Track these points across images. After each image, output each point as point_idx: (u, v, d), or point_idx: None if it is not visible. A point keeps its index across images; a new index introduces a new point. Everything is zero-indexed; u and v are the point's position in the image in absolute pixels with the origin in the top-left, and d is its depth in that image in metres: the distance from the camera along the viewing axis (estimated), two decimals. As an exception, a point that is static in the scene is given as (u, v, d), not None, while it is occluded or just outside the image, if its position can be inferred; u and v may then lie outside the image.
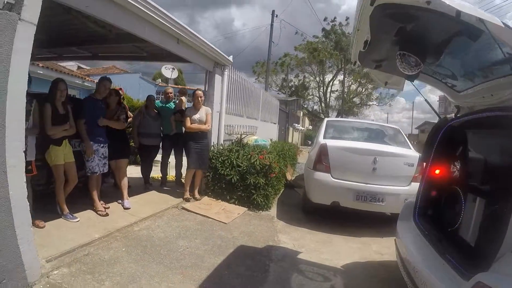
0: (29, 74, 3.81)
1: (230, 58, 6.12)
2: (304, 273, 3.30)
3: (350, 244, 4.18)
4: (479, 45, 2.06)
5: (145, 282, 2.73)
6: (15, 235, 2.33)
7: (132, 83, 12.23)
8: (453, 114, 2.96)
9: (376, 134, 5.82)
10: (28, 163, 3.36)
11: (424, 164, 3.13)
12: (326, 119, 6.47)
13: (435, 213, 2.98)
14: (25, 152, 3.27)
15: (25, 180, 2.46)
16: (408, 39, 2.16)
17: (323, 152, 4.74)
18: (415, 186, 4.17)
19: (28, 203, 2.51)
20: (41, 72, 7.88)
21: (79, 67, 12.51)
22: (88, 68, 16.30)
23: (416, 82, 3.03)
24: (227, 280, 2.94)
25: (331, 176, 4.67)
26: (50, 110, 3.59)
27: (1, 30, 2.08)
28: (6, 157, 2.25)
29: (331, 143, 4.88)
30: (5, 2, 2.12)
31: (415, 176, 4.50)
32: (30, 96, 3.51)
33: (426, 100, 3.29)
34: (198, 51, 5.19)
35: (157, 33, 4.13)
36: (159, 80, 16.71)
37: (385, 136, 5.71)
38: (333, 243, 4.20)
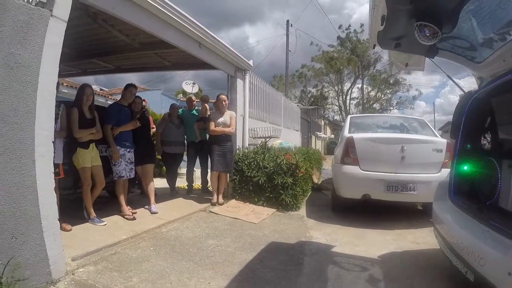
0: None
1: (251, 62, 6.14)
2: (340, 264, 3.08)
3: (385, 237, 3.95)
4: (493, 5, 2.00)
5: (174, 278, 2.60)
6: (41, 227, 2.31)
7: (154, 100, 12.51)
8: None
9: (401, 125, 5.65)
10: (55, 166, 3.40)
11: (454, 141, 3.04)
12: (349, 116, 6.30)
13: (471, 188, 2.87)
14: (53, 154, 3.39)
15: (52, 170, 2.46)
16: (424, 7, 2.09)
17: (350, 144, 4.58)
18: (446, 172, 4.06)
19: (55, 195, 2.47)
20: (65, 91, 8.15)
21: (101, 89, 12.96)
22: (108, 90, 16.97)
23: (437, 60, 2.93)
24: (261, 274, 2.76)
25: (360, 168, 4.49)
26: (77, 114, 3.64)
27: (34, 25, 2.21)
28: (35, 145, 2.27)
29: (357, 135, 4.74)
30: (38, 0, 2.27)
31: (445, 162, 4.34)
32: (58, 101, 3.62)
33: (448, 76, 3.19)
34: (219, 55, 5.23)
35: (180, 37, 4.20)
36: (180, 95, 17.04)
37: (410, 127, 5.55)
38: (367, 236, 3.96)
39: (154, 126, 5.88)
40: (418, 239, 3.85)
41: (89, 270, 2.62)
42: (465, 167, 2.89)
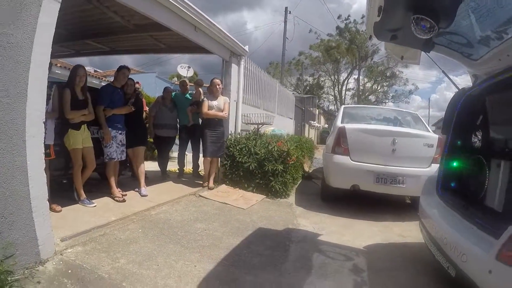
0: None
1: (246, 48, 6.09)
2: (325, 253, 3.16)
3: (372, 228, 4.03)
4: (493, 3, 2.01)
5: (161, 260, 2.66)
6: (30, 207, 2.31)
7: (149, 82, 12.36)
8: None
9: (394, 119, 5.68)
10: (46, 147, 3.38)
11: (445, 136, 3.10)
12: (343, 106, 6.33)
13: (459, 185, 2.92)
14: (44, 134, 3.38)
15: (43, 151, 2.46)
16: (421, 0, 2.11)
17: (341, 134, 4.62)
18: (436, 167, 4.11)
19: (45, 175, 2.48)
20: (59, 72, 7.99)
21: (95, 71, 12.73)
22: (103, 71, 16.71)
23: (432, 55, 2.93)
24: (246, 259, 2.84)
25: (350, 158, 4.54)
26: (69, 94, 3.61)
27: (28, 5, 2.20)
28: (26, 126, 2.27)
29: (349, 125, 4.77)
30: None
31: (435, 157, 4.37)
32: (50, 81, 3.58)
33: (443, 71, 3.22)
34: (214, 40, 5.18)
35: (175, 19, 4.14)
36: (175, 79, 16.86)
37: (404, 120, 5.58)
38: (354, 226, 4.05)
39: (147, 109, 5.86)
40: (404, 232, 3.93)
41: (77, 251, 2.65)
42: (454, 163, 2.93)
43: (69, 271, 2.33)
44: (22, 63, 2.21)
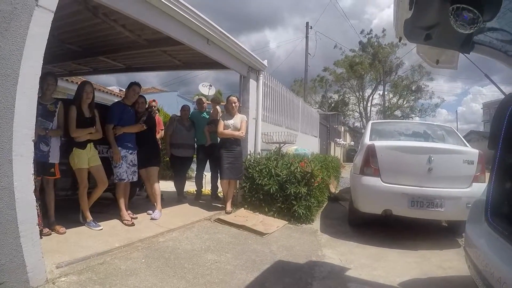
0: (54, 74, 3.79)
1: (265, 62, 5.83)
2: (354, 293, 2.66)
3: (406, 259, 3.50)
4: None
5: (161, 298, 2.28)
6: (18, 231, 2.12)
7: (170, 102, 12.42)
8: None
9: (427, 133, 5.12)
10: (51, 166, 3.25)
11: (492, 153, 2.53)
12: (371, 121, 5.85)
13: None
14: (48, 153, 3.21)
15: (33, 172, 2.25)
16: None
17: (371, 153, 4.15)
18: (477, 187, 3.71)
19: (35, 198, 2.27)
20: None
21: (120, 90, 13.02)
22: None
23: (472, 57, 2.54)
24: (260, 300, 2.40)
25: (381, 180, 4.04)
26: (75, 112, 3.45)
27: (18, 15, 2.06)
28: (13, 144, 2.10)
29: (379, 143, 4.30)
30: None
31: (476, 175, 3.92)
32: (56, 98, 3.44)
33: (486, 75, 2.72)
34: (230, 53, 4.94)
35: (186, 32, 3.93)
36: (197, 97, 17.00)
37: (438, 135, 5.04)
38: (386, 257, 3.53)
39: (163, 128, 5.67)
40: (443, 262, 3.40)
41: (71, 280, 2.38)
42: (507, 184, 2.42)
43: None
44: (10, 77, 2.06)
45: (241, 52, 5.03)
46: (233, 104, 4.92)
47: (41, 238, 2.32)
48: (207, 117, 5.73)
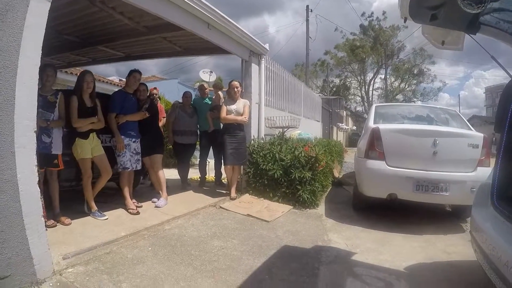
0: (54, 65, 3.73)
1: (266, 46, 5.72)
2: (360, 277, 2.67)
3: (411, 243, 3.49)
4: None
5: (168, 286, 2.30)
6: (23, 224, 2.12)
7: (171, 89, 12.28)
8: None
9: (431, 117, 5.05)
10: (54, 157, 3.23)
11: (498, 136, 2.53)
12: (374, 105, 5.76)
13: None
14: (50, 144, 3.18)
15: (36, 163, 2.24)
16: None
17: (375, 136, 4.09)
18: (482, 171, 3.68)
19: (39, 190, 2.25)
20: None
21: (120, 80, 12.86)
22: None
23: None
24: (268, 286, 2.41)
25: (386, 164, 4.00)
26: (76, 102, 3.41)
27: (14, 6, 2.03)
28: (14, 136, 2.09)
29: (384, 126, 4.24)
30: None
31: (481, 159, 3.88)
32: (55, 89, 3.39)
33: (493, 57, 2.64)
34: (231, 38, 4.84)
35: (186, 17, 3.83)
36: (197, 84, 16.85)
37: (442, 119, 4.96)
38: (392, 242, 3.52)
39: (165, 115, 5.62)
40: (448, 247, 3.40)
41: (78, 271, 2.39)
42: None
43: (64, 295, 2.04)
44: (8, 68, 2.04)
45: (242, 36, 4.92)
46: (235, 89, 4.85)
47: (46, 230, 2.31)
48: (210, 103, 5.66)
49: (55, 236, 2.83)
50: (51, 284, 2.19)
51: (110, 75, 14.82)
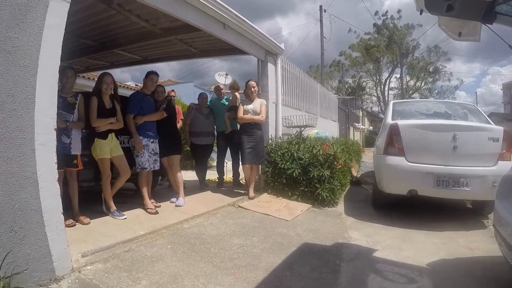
0: (73, 67, 3.80)
1: (282, 45, 5.70)
2: (383, 273, 2.58)
3: (433, 239, 3.37)
4: None
5: (188, 283, 2.27)
6: (43, 221, 2.14)
7: (187, 92, 12.40)
8: None
9: (449, 113, 4.92)
10: (73, 157, 3.26)
11: None
12: (391, 101, 5.63)
13: None
14: (69, 145, 3.22)
15: (55, 161, 2.26)
16: None
17: (394, 132, 3.99)
18: (503, 165, 3.56)
19: (59, 187, 2.27)
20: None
21: (136, 85, 13.09)
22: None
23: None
24: (288, 283, 2.34)
25: (406, 159, 3.89)
26: (95, 102, 3.45)
27: (34, 7, 2.07)
28: (35, 133, 2.11)
29: (402, 122, 4.14)
30: None
31: (502, 153, 3.77)
32: (75, 91, 3.45)
33: (510, 46, 2.52)
34: (246, 37, 4.85)
35: (202, 17, 3.87)
36: (213, 86, 16.96)
37: (460, 114, 4.84)
38: (413, 238, 3.41)
39: (183, 118, 5.65)
40: (471, 243, 3.28)
41: (97, 268, 2.39)
42: None
43: (83, 292, 2.03)
44: (29, 67, 2.08)
45: (258, 35, 4.92)
46: (252, 89, 4.83)
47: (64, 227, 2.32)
48: (226, 103, 5.66)
49: (74, 234, 2.84)
50: (69, 280, 2.19)
51: (126, 81, 15.13)
